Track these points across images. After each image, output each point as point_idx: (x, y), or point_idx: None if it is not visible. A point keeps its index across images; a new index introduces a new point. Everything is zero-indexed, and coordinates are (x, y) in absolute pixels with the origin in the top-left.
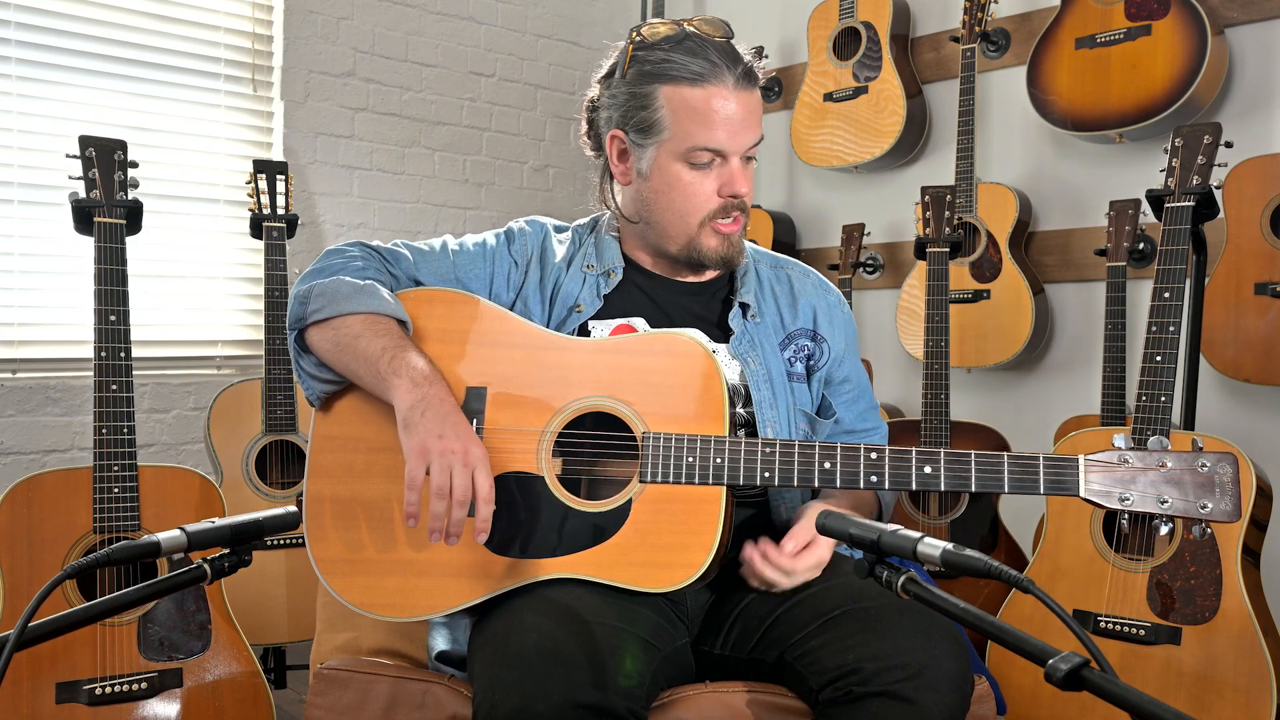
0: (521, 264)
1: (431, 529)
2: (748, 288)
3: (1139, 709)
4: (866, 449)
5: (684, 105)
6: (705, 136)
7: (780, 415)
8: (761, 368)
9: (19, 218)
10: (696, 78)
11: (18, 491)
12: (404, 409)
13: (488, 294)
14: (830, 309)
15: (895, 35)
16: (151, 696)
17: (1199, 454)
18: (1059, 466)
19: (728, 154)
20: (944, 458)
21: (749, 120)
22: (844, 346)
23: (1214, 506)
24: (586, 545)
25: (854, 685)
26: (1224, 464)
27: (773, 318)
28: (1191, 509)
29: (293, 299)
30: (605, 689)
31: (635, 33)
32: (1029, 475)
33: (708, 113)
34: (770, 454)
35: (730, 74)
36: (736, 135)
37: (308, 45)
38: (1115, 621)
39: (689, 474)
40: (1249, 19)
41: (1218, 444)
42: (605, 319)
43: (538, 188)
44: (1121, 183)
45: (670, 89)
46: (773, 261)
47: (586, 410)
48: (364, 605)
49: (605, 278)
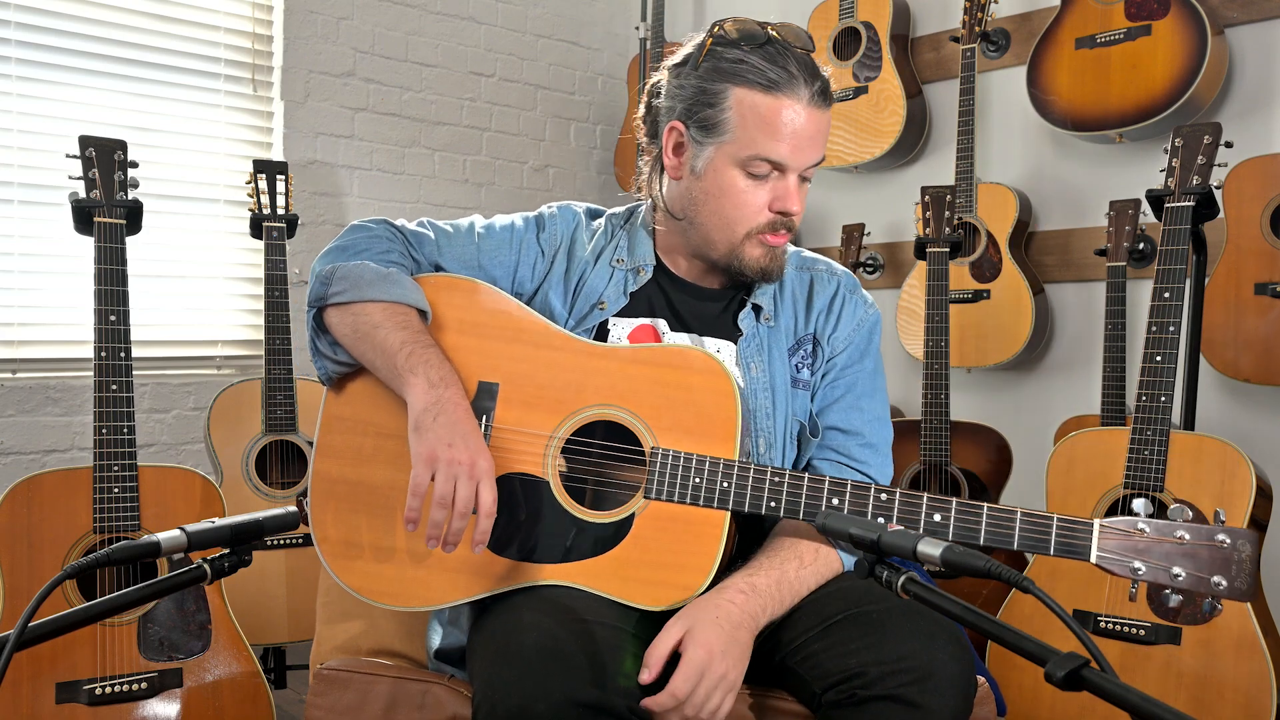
0: (548, 253)
1: (429, 535)
2: (764, 289)
3: (1139, 709)
4: (877, 490)
5: (753, 111)
6: (769, 147)
7: (776, 425)
8: (764, 374)
9: (19, 218)
10: (771, 85)
11: (18, 491)
12: (417, 410)
13: (510, 281)
14: (842, 315)
15: (895, 35)
16: (151, 696)
17: (1219, 528)
18: (1071, 529)
19: (787, 169)
20: (955, 507)
21: (816, 139)
22: (847, 357)
23: (1228, 585)
24: (585, 555)
25: (858, 688)
26: (1244, 541)
27: (787, 320)
28: (1204, 585)
29: (314, 276)
30: (605, 688)
31: (718, 26)
32: (1040, 535)
33: (776, 123)
34: (778, 484)
35: (807, 88)
36: (800, 151)
37: (308, 45)
38: (1115, 621)
39: (694, 495)
40: (1249, 19)
41: (1217, 445)
42: (627, 317)
43: (538, 188)
44: (1121, 183)
45: (743, 91)
46: (799, 261)
47: (597, 418)
48: (362, 590)
49: (634, 274)
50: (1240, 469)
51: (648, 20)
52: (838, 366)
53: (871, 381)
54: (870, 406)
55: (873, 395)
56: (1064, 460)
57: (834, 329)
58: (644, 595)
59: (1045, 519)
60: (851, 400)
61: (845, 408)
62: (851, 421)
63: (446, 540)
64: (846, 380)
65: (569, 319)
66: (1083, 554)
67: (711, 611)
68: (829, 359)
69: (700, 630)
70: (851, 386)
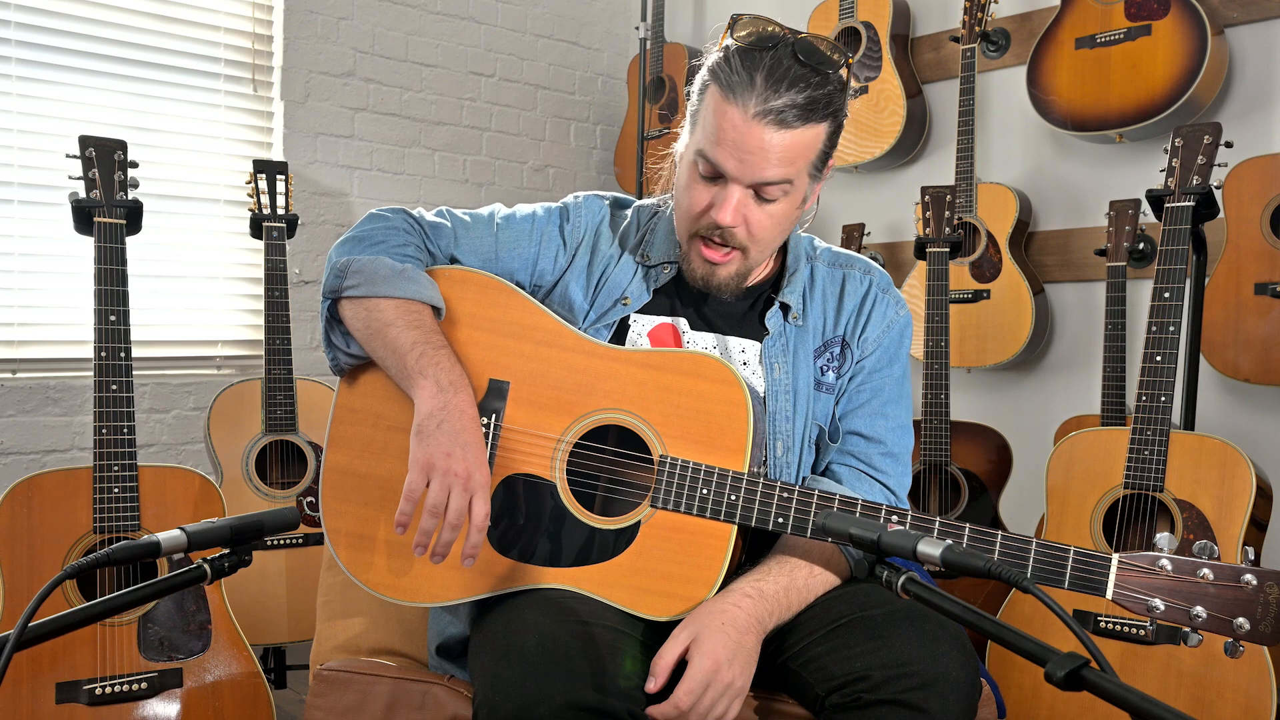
0: (571, 245)
1: (416, 543)
2: (793, 288)
3: (1139, 709)
4: (888, 510)
5: (710, 108)
6: (709, 147)
7: (795, 429)
8: (787, 375)
9: (19, 218)
10: (728, 87)
11: (18, 491)
12: (422, 414)
13: (530, 274)
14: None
15: (895, 35)
16: (151, 696)
17: (1246, 568)
18: (1088, 562)
19: (728, 178)
20: (969, 533)
21: (758, 155)
22: (875, 360)
23: (1250, 628)
24: (589, 560)
25: (862, 692)
26: (1271, 584)
27: (816, 321)
28: (1225, 627)
29: (330, 266)
30: (606, 690)
31: (733, 18)
32: (1055, 566)
33: (721, 125)
34: (787, 499)
35: (758, 103)
36: (740, 163)
37: (308, 45)
38: (1115, 621)
39: (701, 506)
40: (1249, 19)
41: (1217, 445)
42: (649, 314)
43: (538, 188)
44: (1121, 183)
45: (714, 87)
46: (833, 259)
47: (607, 423)
48: (366, 581)
49: (660, 270)
50: (1240, 469)
51: (648, 20)
52: (865, 370)
53: (898, 388)
54: (895, 414)
55: (898, 402)
56: (1064, 460)
57: (863, 330)
58: (647, 604)
59: (1061, 550)
60: (877, 406)
61: (870, 413)
62: (875, 428)
63: (434, 551)
64: (873, 385)
65: (590, 312)
66: (1099, 589)
67: (718, 618)
68: (858, 361)
69: (706, 638)
70: (878, 392)
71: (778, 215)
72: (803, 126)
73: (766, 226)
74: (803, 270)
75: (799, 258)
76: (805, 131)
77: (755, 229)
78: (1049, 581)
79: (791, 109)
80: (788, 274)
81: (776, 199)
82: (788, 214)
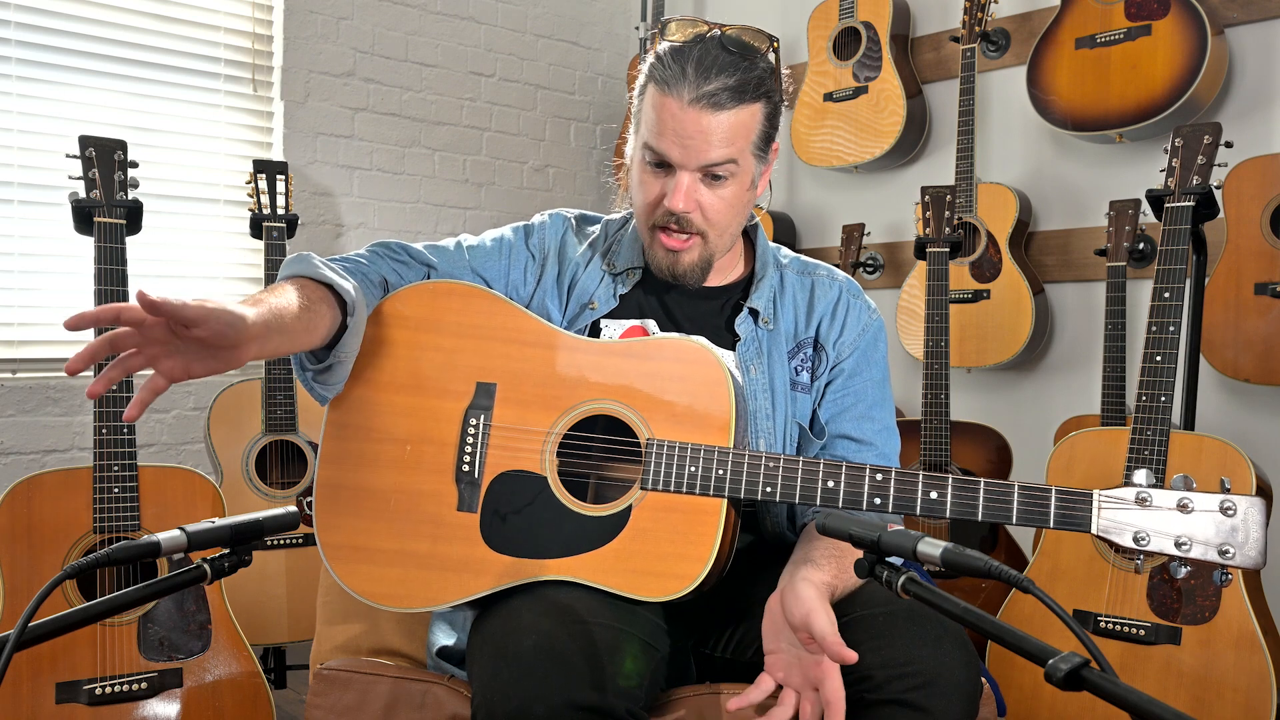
0: (539, 257)
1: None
2: (761, 293)
3: (1139, 709)
4: (872, 470)
5: (649, 104)
6: (653, 139)
7: (776, 427)
8: (764, 376)
9: (19, 218)
10: (662, 81)
11: (18, 491)
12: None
13: (504, 286)
14: (847, 319)
15: (895, 35)
16: (151, 696)
17: (1225, 495)
18: (1071, 500)
19: (674, 165)
20: (951, 484)
21: (700, 138)
22: (854, 364)
23: (1237, 553)
24: (585, 549)
25: (864, 692)
26: (1253, 509)
27: (787, 324)
28: (1211, 553)
29: None
30: (604, 690)
31: (659, 24)
32: (1039, 507)
33: (662, 117)
34: (774, 468)
35: (691, 90)
36: (683, 149)
37: (308, 45)
38: (1115, 621)
39: (690, 484)
40: (1249, 19)
41: (1217, 445)
42: (619, 319)
43: (538, 188)
44: (1121, 183)
45: (651, 85)
46: (801, 266)
47: (594, 413)
48: (365, 593)
49: (624, 278)
50: (1240, 469)
51: (648, 20)
52: (845, 373)
53: (880, 391)
54: (881, 416)
55: (882, 405)
56: (1064, 460)
57: (839, 333)
58: (645, 586)
59: (1043, 491)
60: (863, 410)
61: (857, 417)
62: (864, 431)
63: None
64: (855, 389)
65: (564, 322)
66: (1083, 525)
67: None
68: (834, 364)
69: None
70: (862, 396)
71: (729, 198)
72: (737, 106)
73: (720, 210)
74: (771, 275)
75: (766, 264)
76: (740, 111)
77: (710, 213)
78: (1035, 522)
79: (724, 91)
80: (756, 279)
81: (725, 179)
82: (739, 196)
